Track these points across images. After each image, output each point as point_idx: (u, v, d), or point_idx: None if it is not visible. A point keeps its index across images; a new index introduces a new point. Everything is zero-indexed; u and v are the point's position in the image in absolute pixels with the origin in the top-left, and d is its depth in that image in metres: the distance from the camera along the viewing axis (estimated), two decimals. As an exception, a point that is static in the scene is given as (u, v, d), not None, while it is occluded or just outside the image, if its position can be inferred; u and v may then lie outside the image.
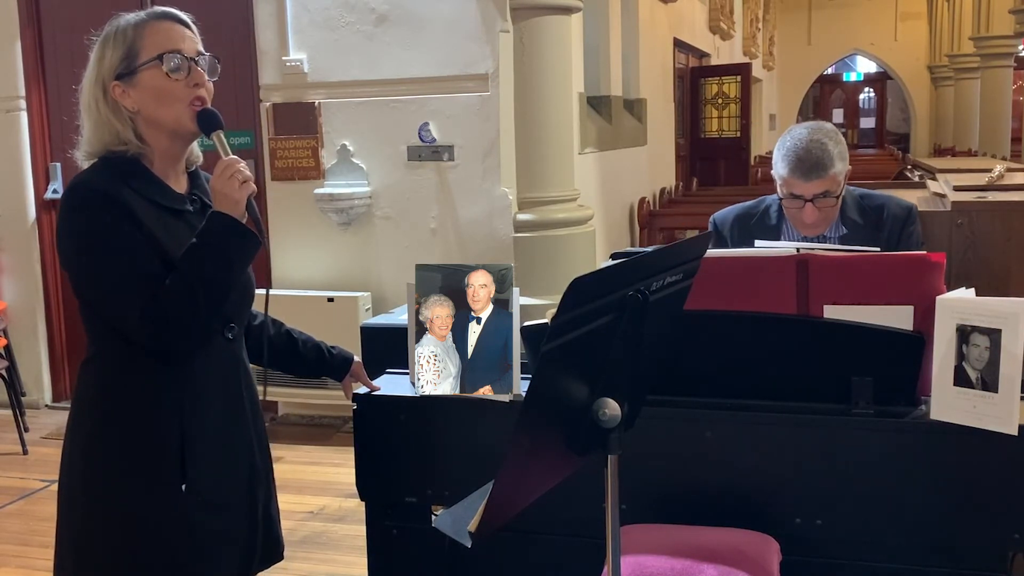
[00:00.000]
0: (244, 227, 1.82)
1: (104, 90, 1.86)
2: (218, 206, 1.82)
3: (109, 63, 1.86)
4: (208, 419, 1.90)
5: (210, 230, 1.80)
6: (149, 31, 1.86)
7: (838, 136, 2.65)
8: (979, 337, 1.86)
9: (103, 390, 1.87)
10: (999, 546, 1.96)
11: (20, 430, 5.14)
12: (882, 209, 2.72)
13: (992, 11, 15.53)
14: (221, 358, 1.93)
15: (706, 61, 12.66)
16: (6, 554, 3.87)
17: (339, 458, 4.78)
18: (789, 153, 2.59)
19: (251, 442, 2.00)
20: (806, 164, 2.56)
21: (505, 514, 1.45)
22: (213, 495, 1.90)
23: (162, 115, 1.86)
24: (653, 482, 2.06)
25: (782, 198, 2.66)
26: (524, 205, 5.28)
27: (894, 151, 17.45)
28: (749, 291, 2.10)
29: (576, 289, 1.31)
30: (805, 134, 2.61)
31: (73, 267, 1.84)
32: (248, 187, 1.83)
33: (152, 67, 1.85)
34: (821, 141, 2.58)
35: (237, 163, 1.84)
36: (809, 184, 2.57)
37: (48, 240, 5.88)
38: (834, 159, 2.57)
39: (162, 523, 1.85)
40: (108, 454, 1.85)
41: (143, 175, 1.86)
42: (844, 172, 2.61)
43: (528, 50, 5.21)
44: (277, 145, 5.38)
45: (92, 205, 1.78)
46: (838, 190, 2.60)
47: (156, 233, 1.81)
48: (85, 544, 1.87)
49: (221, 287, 1.82)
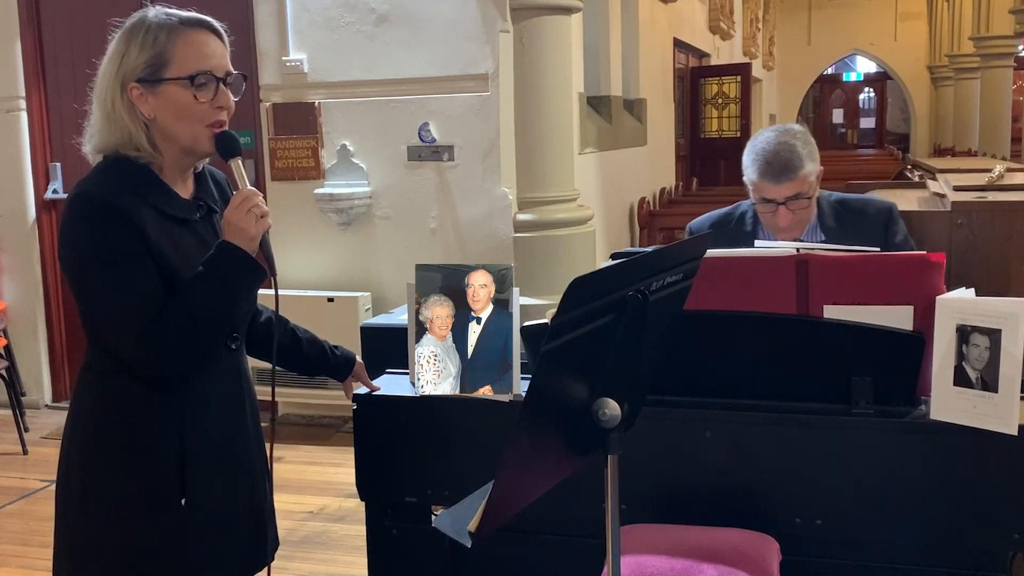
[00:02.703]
0: (255, 262, 1.77)
1: (123, 88, 1.78)
2: (230, 238, 1.75)
3: (134, 63, 1.77)
4: (209, 432, 1.86)
5: (221, 263, 1.74)
6: (183, 41, 1.78)
7: (807, 137, 2.63)
8: (979, 337, 1.86)
9: (102, 398, 1.83)
10: (999, 546, 1.96)
11: (20, 430, 5.14)
12: (861, 213, 2.70)
13: (992, 11, 15.53)
14: (223, 369, 1.89)
15: (706, 61, 12.66)
16: (6, 554, 3.87)
17: (339, 458, 4.78)
18: (758, 157, 2.58)
19: (251, 451, 1.97)
20: (775, 167, 2.54)
21: (505, 514, 1.45)
22: (212, 508, 1.86)
23: (179, 131, 1.80)
24: (653, 482, 2.06)
25: (755, 203, 2.65)
26: (524, 205, 5.28)
27: (894, 151, 17.46)
28: (749, 291, 2.10)
29: (576, 289, 1.31)
30: (773, 137, 2.59)
31: (73, 280, 1.78)
32: (264, 223, 1.77)
33: (181, 84, 1.77)
34: (789, 143, 2.56)
35: (255, 196, 1.78)
36: (780, 187, 2.55)
37: (48, 240, 5.88)
38: (804, 160, 2.55)
39: (159, 536, 1.81)
40: (106, 464, 1.81)
41: (152, 183, 1.80)
42: (815, 173, 2.59)
43: (528, 50, 5.21)
44: (277, 145, 5.39)
45: (96, 218, 1.72)
46: (810, 191, 2.58)
47: (161, 246, 1.75)
48: (80, 552, 1.84)
49: (223, 319, 1.79)
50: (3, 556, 3.86)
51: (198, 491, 1.83)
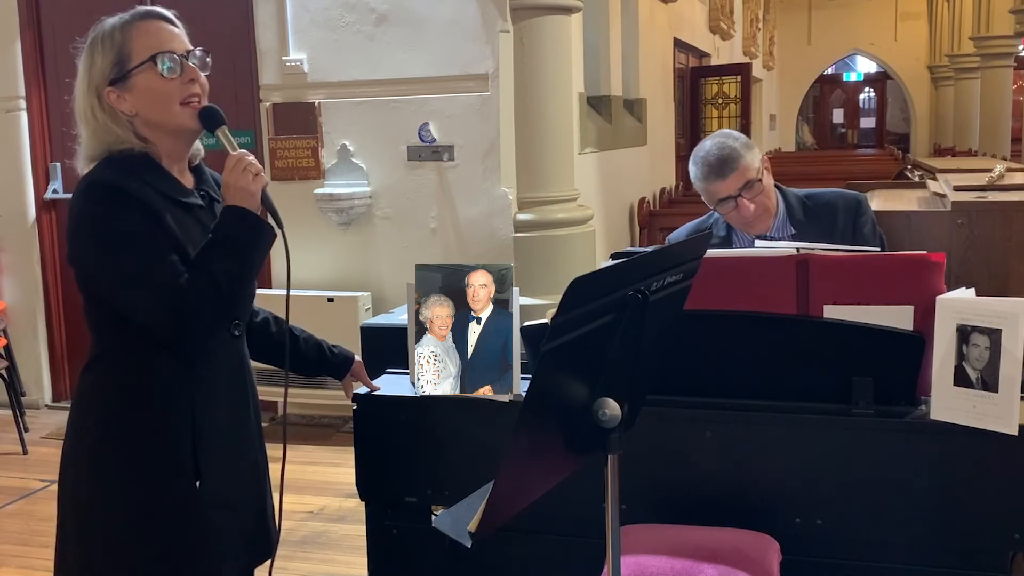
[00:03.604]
0: (261, 220, 1.84)
1: (99, 97, 1.86)
2: (232, 200, 1.83)
3: (100, 69, 1.86)
4: (218, 416, 1.91)
5: (229, 224, 1.81)
6: (137, 32, 1.86)
7: (738, 134, 2.76)
8: (979, 337, 1.86)
9: (111, 390, 1.86)
10: (999, 546, 1.96)
11: (20, 430, 5.14)
12: (830, 206, 2.77)
13: (992, 11, 15.53)
14: (228, 355, 1.95)
15: (706, 61, 12.66)
16: (6, 554, 3.87)
17: (339, 458, 4.78)
18: (699, 163, 2.71)
19: (255, 438, 2.03)
20: (716, 165, 2.67)
21: (505, 514, 1.45)
22: (226, 491, 1.92)
23: (161, 116, 1.86)
24: (653, 482, 2.06)
25: (715, 209, 2.74)
26: (524, 205, 5.28)
27: (894, 151, 17.45)
28: (749, 291, 2.10)
29: (576, 289, 1.31)
30: (708, 142, 2.74)
31: (91, 266, 1.82)
32: (261, 179, 1.85)
33: (145, 69, 1.84)
34: (722, 142, 2.71)
35: (246, 156, 1.85)
36: (727, 181, 2.66)
37: (48, 240, 5.88)
38: (739, 151, 2.67)
39: (178, 521, 1.86)
40: (121, 454, 1.85)
41: (154, 169, 1.86)
42: (757, 159, 2.69)
43: (528, 50, 5.21)
44: (277, 145, 5.38)
45: (110, 200, 1.77)
46: (759, 176, 2.68)
47: (171, 227, 1.81)
48: (96, 547, 1.86)
49: (242, 279, 1.84)
50: (3, 556, 3.86)
51: (212, 473, 1.89)
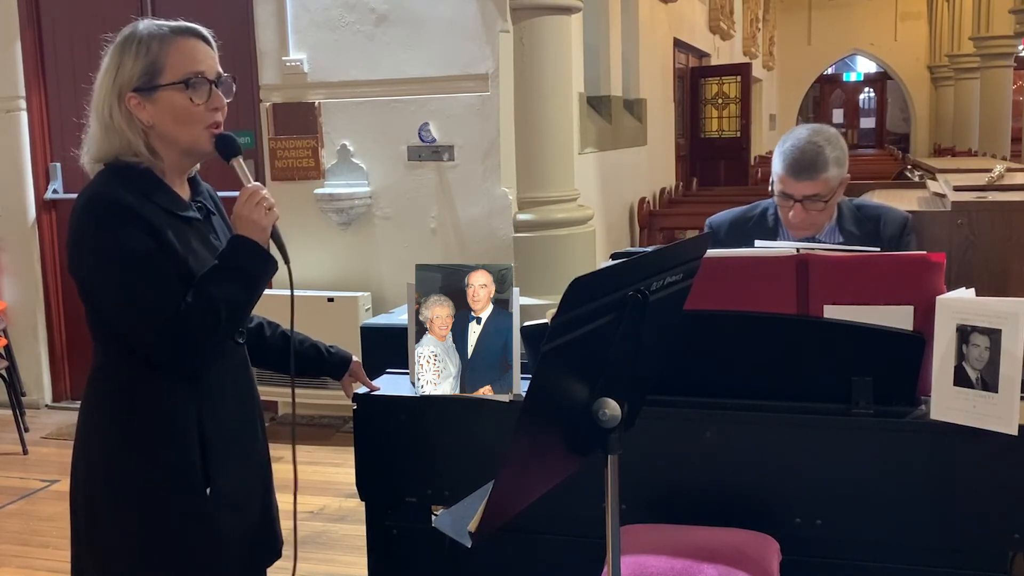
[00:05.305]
0: (268, 253, 1.86)
1: (120, 98, 1.85)
2: (242, 231, 1.84)
3: (129, 73, 1.84)
4: (224, 421, 1.92)
5: (236, 255, 1.83)
6: (174, 49, 1.85)
7: (839, 141, 2.65)
8: (979, 337, 1.86)
9: (120, 398, 1.87)
10: (999, 546, 1.96)
11: (20, 430, 5.14)
12: (878, 220, 2.72)
13: (992, 11, 15.53)
14: (233, 361, 1.97)
15: (706, 61, 12.66)
16: (6, 554, 3.87)
17: (339, 458, 4.78)
18: (786, 152, 2.61)
19: (260, 440, 2.05)
20: (799, 164, 2.57)
21: (505, 514, 1.45)
22: (235, 495, 1.93)
23: (179, 134, 1.87)
24: (653, 482, 2.06)
25: (776, 195, 2.67)
26: (524, 205, 5.28)
27: (894, 151, 17.46)
28: (749, 291, 2.10)
29: (576, 289, 1.31)
30: (805, 135, 2.62)
31: (88, 282, 1.83)
32: (274, 214, 1.87)
33: (175, 89, 1.84)
34: (818, 144, 2.59)
35: (260, 190, 1.86)
36: (799, 184, 2.58)
37: (48, 240, 5.88)
38: (828, 164, 2.57)
39: (190, 526, 1.87)
40: (133, 460, 1.86)
41: (156, 185, 1.86)
42: (839, 178, 2.60)
43: (528, 50, 5.21)
44: (277, 145, 5.39)
45: (110, 218, 1.77)
46: (829, 195, 2.60)
47: (172, 243, 1.81)
48: (110, 551, 1.88)
49: (243, 309, 1.87)
50: (3, 556, 3.86)
51: (221, 478, 1.90)
